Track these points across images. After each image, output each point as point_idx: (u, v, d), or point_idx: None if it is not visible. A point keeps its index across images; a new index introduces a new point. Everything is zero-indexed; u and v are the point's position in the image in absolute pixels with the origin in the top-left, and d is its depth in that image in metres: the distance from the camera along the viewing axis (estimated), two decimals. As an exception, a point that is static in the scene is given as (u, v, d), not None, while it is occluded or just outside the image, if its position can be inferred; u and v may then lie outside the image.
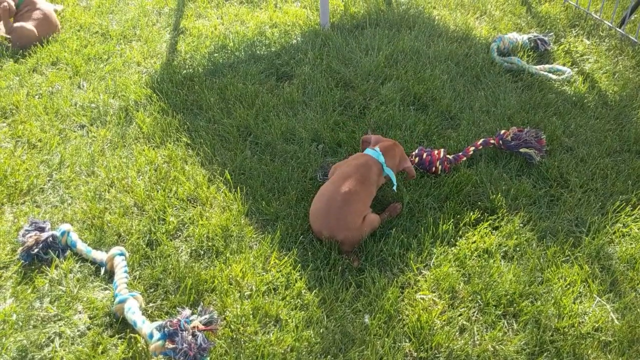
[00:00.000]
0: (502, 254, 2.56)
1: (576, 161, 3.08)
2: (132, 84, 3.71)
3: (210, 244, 2.58)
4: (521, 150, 3.02)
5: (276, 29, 4.38)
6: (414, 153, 2.99)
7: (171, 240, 2.61)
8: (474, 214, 2.73)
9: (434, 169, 2.94)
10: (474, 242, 2.60)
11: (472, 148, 3.04)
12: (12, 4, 4.35)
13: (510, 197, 2.83)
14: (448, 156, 2.97)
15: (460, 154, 3.01)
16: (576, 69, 3.90)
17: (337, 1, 4.75)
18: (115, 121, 3.38)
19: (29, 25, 4.21)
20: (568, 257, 2.56)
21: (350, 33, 4.28)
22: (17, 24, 4.22)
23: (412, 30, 4.32)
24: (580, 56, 4.05)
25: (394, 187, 2.75)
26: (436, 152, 2.96)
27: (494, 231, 2.67)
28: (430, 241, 2.58)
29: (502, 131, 3.09)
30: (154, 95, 3.58)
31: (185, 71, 3.84)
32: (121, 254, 2.43)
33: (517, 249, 2.59)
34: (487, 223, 2.69)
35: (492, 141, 3.07)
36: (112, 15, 4.65)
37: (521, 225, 2.70)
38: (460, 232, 2.66)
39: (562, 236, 2.64)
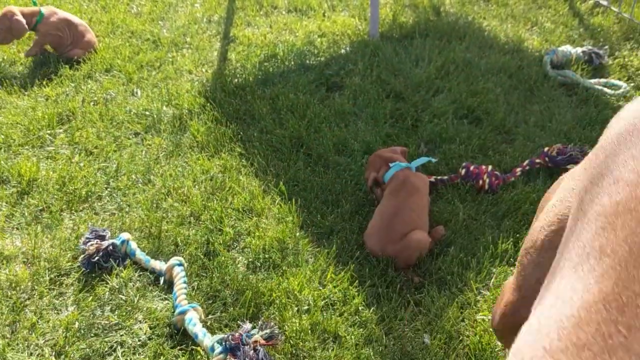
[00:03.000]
0: (562, 275, 2.51)
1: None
2: (185, 93, 3.75)
3: (267, 256, 2.59)
4: (568, 167, 2.96)
5: (325, 39, 4.38)
6: (462, 166, 2.97)
7: (228, 251, 2.62)
8: (532, 232, 2.68)
9: (480, 182, 2.89)
10: (534, 262, 2.55)
11: (519, 169, 2.99)
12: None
13: (569, 216, 2.77)
14: (496, 172, 2.92)
15: (507, 174, 2.96)
16: (632, 84, 3.81)
17: (386, 10, 4.73)
18: (170, 129, 3.42)
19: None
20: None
21: (400, 43, 4.26)
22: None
23: (462, 41, 4.27)
24: (635, 70, 3.96)
25: (431, 159, 3.01)
26: (484, 167, 2.92)
27: (553, 251, 2.61)
28: (489, 260, 2.54)
29: (546, 148, 3.04)
30: (208, 104, 3.61)
31: (236, 80, 3.86)
32: (180, 264, 2.45)
33: (578, 270, 2.53)
34: (546, 243, 2.63)
35: (537, 160, 3.02)
36: (163, 22, 4.72)
37: (581, 245, 2.63)
38: (519, 252, 2.61)
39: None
